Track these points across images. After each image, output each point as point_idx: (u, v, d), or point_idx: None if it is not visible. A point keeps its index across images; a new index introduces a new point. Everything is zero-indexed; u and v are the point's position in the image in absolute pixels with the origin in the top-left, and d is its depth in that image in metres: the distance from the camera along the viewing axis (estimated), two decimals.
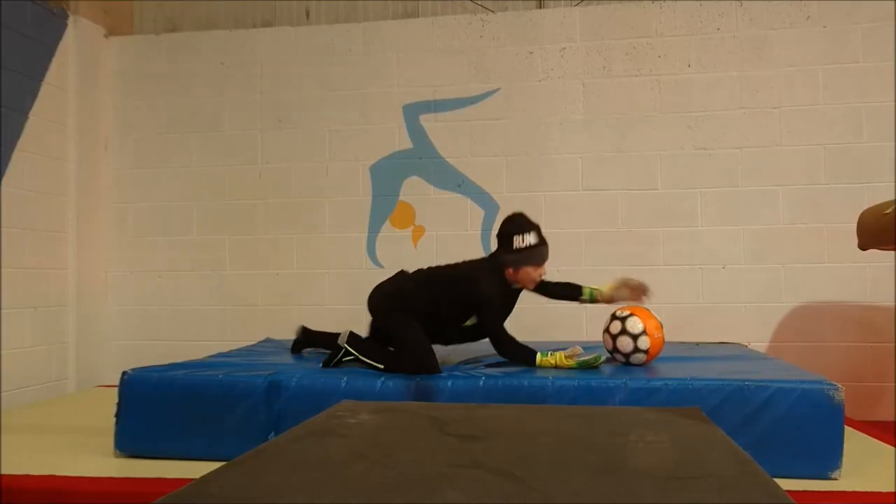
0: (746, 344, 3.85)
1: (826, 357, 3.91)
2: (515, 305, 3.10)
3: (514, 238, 2.87)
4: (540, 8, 4.37)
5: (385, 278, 3.12)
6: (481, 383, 2.58)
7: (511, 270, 2.89)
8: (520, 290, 3.05)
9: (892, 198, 3.18)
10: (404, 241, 4.38)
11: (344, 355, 2.90)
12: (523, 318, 4.21)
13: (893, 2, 3.97)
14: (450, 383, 2.60)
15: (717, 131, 4.13)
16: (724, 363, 2.98)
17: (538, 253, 2.89)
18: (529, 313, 4.20)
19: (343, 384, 2.62)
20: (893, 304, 3.81)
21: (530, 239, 2.87)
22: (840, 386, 2.36)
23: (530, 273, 2.90)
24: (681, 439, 1.72)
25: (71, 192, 4.37)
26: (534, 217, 2.97)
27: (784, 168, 4.06)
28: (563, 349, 2.81)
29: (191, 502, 1.25)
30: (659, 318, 2.91)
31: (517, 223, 2.92)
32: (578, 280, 4.20)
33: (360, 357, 2.87)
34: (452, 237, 4.33)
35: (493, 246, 4.22)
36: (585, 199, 4.23)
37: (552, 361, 2.74)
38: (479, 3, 4.39)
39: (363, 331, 3.00)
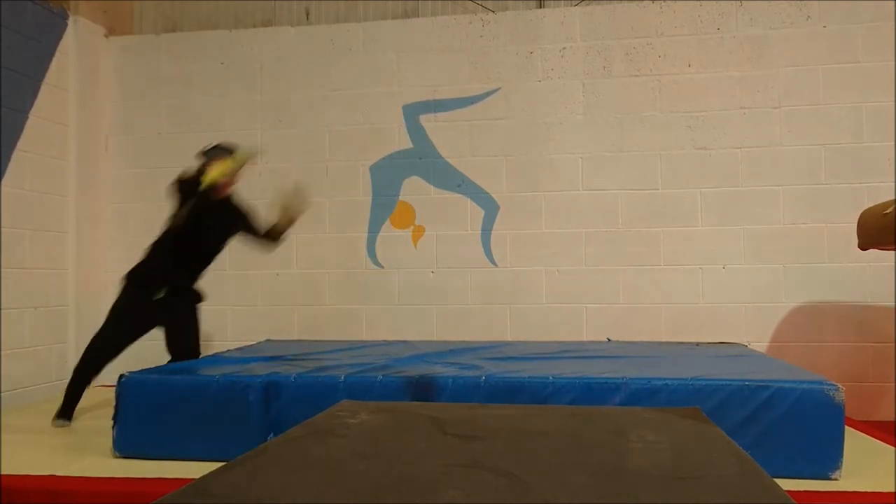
0: (746, 344, 3.85)
1: (826, 357, 3.91)
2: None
3: None
4: (540, 8, 4.37)
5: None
6: (482, 381, 2.57)
7: None
8: None
9: (892, 198, 3.18)
10: (404, 241, 4.38)
11: None
12: (523, 317, 4.26)
13: (893, 2, 3.97)
14: (451, 381, 2.60)
15: (717, 131, 4.13)
16: (724, 363, 2.98)
17: None
18: (529, 313, 4.24)
19: (341, 382, 2.62)
20: (893, 304, 3.81)
21: None
22: (840, 386, 2.37)
23: None
24: (681, 439, 1.72)
25: (71, 192, 4.36)
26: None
27: (784, 168, 4.06)
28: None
29: (191, 502, 1.25)
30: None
31: None
32: (580, 282, 4.24)
33: None
34: (452, 237, 4.33)
35: (494, 245, 4.29)
36: (585, 199, 4.23)
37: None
38: (479, 3, 4.39)
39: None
